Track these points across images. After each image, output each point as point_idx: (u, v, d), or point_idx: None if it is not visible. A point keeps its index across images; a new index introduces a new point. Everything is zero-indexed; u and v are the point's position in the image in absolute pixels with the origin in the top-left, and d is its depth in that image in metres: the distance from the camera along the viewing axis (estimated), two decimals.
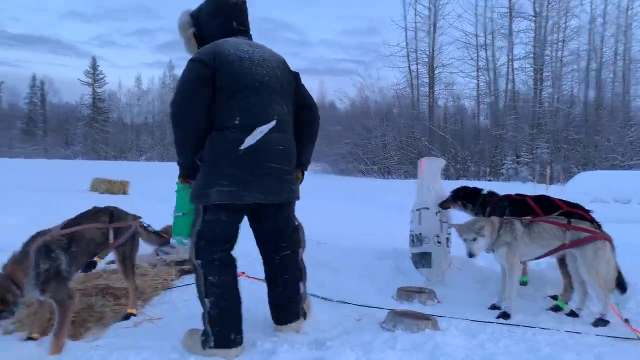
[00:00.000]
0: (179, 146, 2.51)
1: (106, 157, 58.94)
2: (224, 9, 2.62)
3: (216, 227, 2.48)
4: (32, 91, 69.76)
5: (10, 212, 6.42)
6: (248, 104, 2.44)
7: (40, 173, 19.40)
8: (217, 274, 2.47)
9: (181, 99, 2.43)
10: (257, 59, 2.54)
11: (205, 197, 2.40)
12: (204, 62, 2.40)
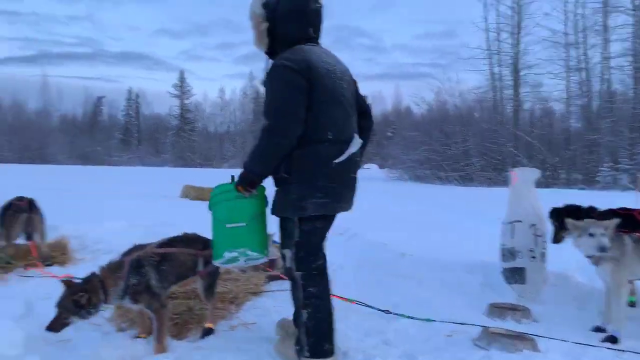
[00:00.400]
0: (265, 154, 2.43)
1: (193, 164, 62.70)
2: (304, 14, 2.54)
3: (313, 237, 2.53)
4: (128, 104, 76.35)
5: (115, 217, 7.04)
6: (337, 119, 2.50)
7: (137, 180, 21.07)
8: (316, 285, 2.51)
9: (281, 106, 2.39)
10: (339, 72, 2.57)
11: (302, 210, 2.44)
12: (299, 71, 2.37)
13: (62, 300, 2.61)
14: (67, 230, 5.86)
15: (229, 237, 2.54)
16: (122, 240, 5.80)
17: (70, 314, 2.58)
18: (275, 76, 2.43)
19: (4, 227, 4.95)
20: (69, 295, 2.60)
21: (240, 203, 2.52)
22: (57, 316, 2.59)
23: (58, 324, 2.59)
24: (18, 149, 60.77)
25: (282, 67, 2.40)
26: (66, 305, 2.58)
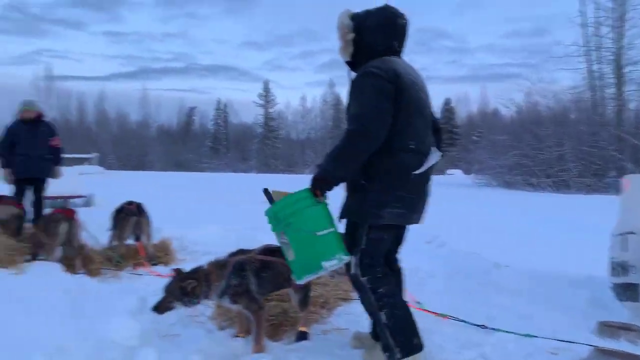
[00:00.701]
0: (348, 158, 2.41)
1: (276, 170, 64.83)
2: (391, 27, 2.61)
3: (379, 245, 2.55)
4: (217, 114, 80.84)
5: (210, 220, 7.49)
6: (419, 130, 2.52)
7: (226, 185, 22.22)
8: (385, 284, 2.52)
9: (369, 112, 2.40)
10: (420, 84, 2.61)
11: (377, 217, 2.45)
12: (387, 79, 2.41)
13: (170, 285, 2.83)
14: (168, 232, 6.32)
15: (323, 245, 2.43)
16: (217, 242, 6.18)
17: (175, 299, 2.79)
18: (365, 82, 2.46)
19: (116, 229, 5.49)
20: (177, 282, 2.81)
21: (321, 208, 2.44)
22: (163, 299, 2.82)
23: (163, 306, 2.82)
24: (122, 157, 66.94)
25: (371, 74, 2.44)
26: (173, 291, 2.79)
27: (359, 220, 2.53)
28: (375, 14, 2.63)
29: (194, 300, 2.82)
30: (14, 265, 4.32)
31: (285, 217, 2.42)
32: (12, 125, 6.52)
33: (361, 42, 2.62)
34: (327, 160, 2.43)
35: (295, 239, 2.43)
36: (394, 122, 2.42)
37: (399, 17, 2.63)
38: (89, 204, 10.43)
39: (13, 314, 3.03)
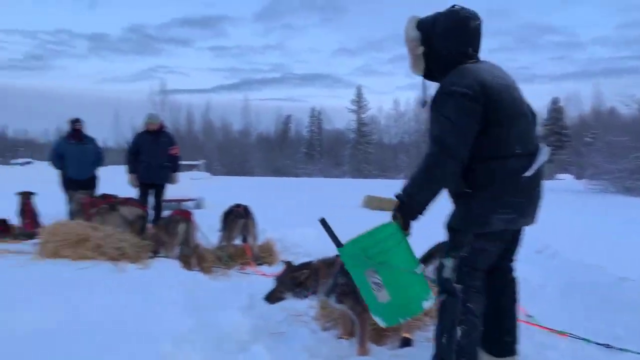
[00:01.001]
0: (430, 183, 2.33)
1: (369, 175, 64.76)
2: (463, 33, 2.43)
3: (481, 256, 2.43)
4: (311, 121, 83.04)
5: (308, 223, 7.68)
6: (522, 132, 2.37)
7: (321, 190, 22.69)
8: (477, 302, 2.40)
9: (449, 134, 2.28)
10: (511, 82, 2.45)
11: (485, 225, 2.34)
12: (472, 97, 2.26)
13: (282, 276, 2.97)
14: (271, 234, 6.62)
15: (420, 284, 2.38)
16: (316, 245, 6.33)
17: (286, 289, 2.93)
18: (445, 103, 2.32)
19: (225, 230, 5.87)
20: (289, 272, 2.95)
21: (408, 242, 2.35)
22: (274, 289, 2.97)
23: (274, 296, 2.96)
24: (226, 164, 71.49)
25: (453, 94, 2.29)
26: (285, 281, 2.94)
27: (464, 228, 2.42)
28: (444, 19, 2.45)
29: (304, 291, 2.92)
30: (139, 260, 4.81)
31: (378, 254, 2.27)
32: (137, 135, 7.33)
33: (432, 52, 2.48)
34: (410, 186, 2.35)
35: (393, 279, 2.31)
36: (489, 133, 2.30)
37: (471, 19, 2.43)
38: (199, 207, 11.28)
39: (141, 304, 3.38)
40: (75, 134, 7.37)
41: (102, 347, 2.50)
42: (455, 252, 2.42)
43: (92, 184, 7.50)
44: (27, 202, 7.21)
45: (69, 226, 5.08)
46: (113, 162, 16.95)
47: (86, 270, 4.21)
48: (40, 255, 4.79)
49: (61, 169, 7.39)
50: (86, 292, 3.57)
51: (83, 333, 2.71)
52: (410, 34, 2.52)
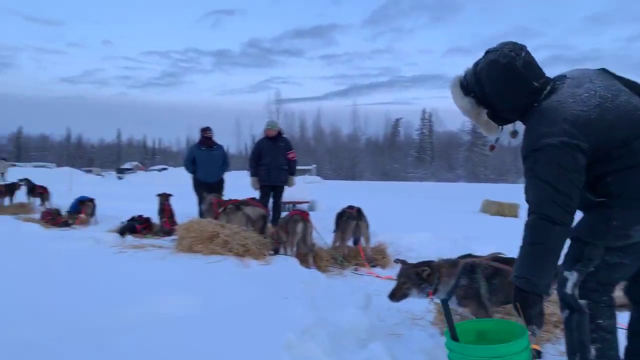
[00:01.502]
0: (544, 257, 2.01)
1: (485, 179, 61.36)
2: (517, 78, 2.14)
3: (617, 270, 2.12)
4: (422, 123, 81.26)
5: (422, 228, 7.55)
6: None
7: (433, 195, 22.09)
8: (607, 317, 2.10)
9: (547, 200, 1.97)
10: (614, 92, 2.08)
11: (626, 237, 2.05)
12: (569, 144, 1.95)
13: (405, 271, 2.93)
14: (383, 237, 6.61)
15: None
16: (430, 249, 6.19)
17: (411, 284, 2.87)
18: (540, 161, 2.01)
19: (339, 231, 6.01)
20: (412, 268, 2.91)
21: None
22: (399, 285, 2.92)
23: (399, 293, 2.92)
24: (335, 168, 73.05)
25: (545, 148, 1.99)
26: (410, 275, 2.89)
27: (596, 240, 2.13)
28: (486, 76, 2.20)
29: (427, 287, 2.86)
30: (262, 257, 5.14)
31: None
32: (258, 141, 7.86)
33: (497, 108, 2.23)
34: (523, 267, 2.05)
35: None
36: (623, 152, 2.01)
37: (514, 59, 2.13)
38: (312, 209, 11.69)
39: (265, 297, 3.61)
40: (206, 141, 8.12)
41: (233, 333, 2.73)
42: (582, 267, 2.15)
43: (220, 186, 8.19)
44: (165, 203, 8.12)
45: (200, 224, 5.60)
46: (235, 167, 18.33)
47: (216, 264, 4.61)
48: (177, 250, 5.36)
49: (193, 173, 8.19)
50: (217, 283, 3.92)
51: (217, 319, 2.98)
52: (463, 105, 2.32)
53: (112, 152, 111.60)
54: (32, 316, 2.87)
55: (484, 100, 2.26)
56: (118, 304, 3.18)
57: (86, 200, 8.84)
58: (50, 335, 2.58)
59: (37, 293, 3.42)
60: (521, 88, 2.16)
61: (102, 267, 4.47)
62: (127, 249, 5.50)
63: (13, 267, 4.29)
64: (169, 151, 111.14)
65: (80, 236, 6.38)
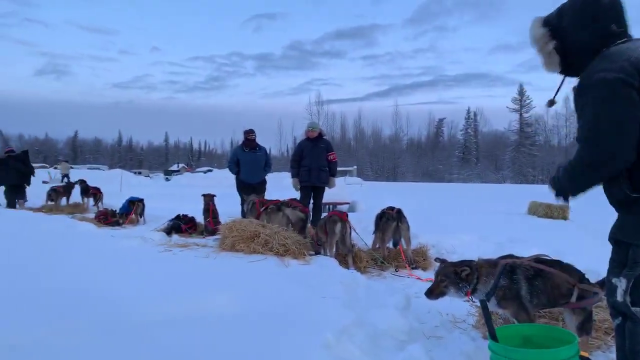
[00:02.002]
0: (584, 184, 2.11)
1: (534, 180, 59.13)
2: (598, 10, 2.05)
3: None
4: (467, 123, 79.31)
5: (465, 230, 7.36)
6: None
7: (478, 196, 21.51)
8: None
9: (606, 138, 1.93)
10: None
11: None
12: (626, 81, 1.87)
13: (444, 269, 2.88)
14: (424, 239, 6.51)
15: None
16: (474, 252, 6.00)
17: (449, 283, 2.81)
18: (593, 94, 1.96)
19: (378, 232, 5.98)
20: (451, 266, 2.85)
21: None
22: (437, 283, 2.87)
23: (437, 291, 2.86)
24: (376, 169, 72.54)
25: (600, 83, 1.93)
26: (448, 274, 2.83)
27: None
28: (570, 3, 2.16)
29: (465, 287, 2.80)
30: (302, 257, 5.19)
31: None
32: (300, 142, 7.95)
33: (567, 45, 2.16)
34: (564, 178, 2.18)
35: None
36: None
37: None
38: (352, 210, 11.66)
39: (304, 296, 3.64)
40: (249, 143, 8.30)
41: (274, 332, 2.77)
42: (629, 271, 2.04)
43: (262, 187, 8.34)
44: (210, 203, 8.36)
45: (242, 224, 5.72)
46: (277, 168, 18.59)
47: (257, 263, 4.69)
48: (220, 249, 5.50)
49: (236, 174, 8.38)
50: (258, 282, 3.99)
51: (257, 318, 3.04)
52: (536, 33, 2.27)
53: (160, 154, 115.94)
54: (81, 309, 3.03)
55: (558, 32, 2.20)
56: (162, 301, 3.30)
57: (136, 201, 9.23)
58: (97, 328, 2.71)
59: (86, 287, 3.61)
60: (599, 27, 2.08)
61: (148, 265, 4.65)
62: (173, 247, 5.70)
63: (67, 263, 4.55)
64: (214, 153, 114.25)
65: (130, 235, 6.67)
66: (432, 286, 2.88)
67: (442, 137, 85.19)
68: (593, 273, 3.84)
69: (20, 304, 3.08)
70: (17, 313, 2.88)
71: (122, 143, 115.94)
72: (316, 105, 74.06)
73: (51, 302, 3.15)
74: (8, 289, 3.44)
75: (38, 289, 3.48)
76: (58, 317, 2.84)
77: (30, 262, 4.55)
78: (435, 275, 2.92)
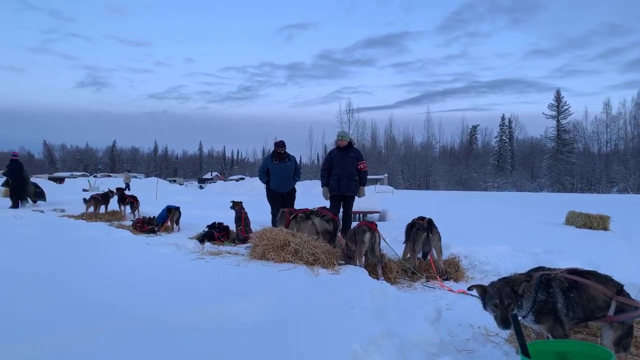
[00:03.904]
0: None
1: (572, 189, 57.09)
2: None
3: None
4: (501, 130, 77.45)
5: (499, 240, 7.19)
6: None
7: (514, 205, 20.92)
8: None
9: None
10: None
11: None
12: None
13: (503, 292, 2.65)
14: (456, 249, 6.39)
15: None
16: (508, 264, 5.89)
17: (512, 301, 2.63)
18: None
19: (409, 242, 5.91)
20: (507, 285, 2.66)
21: None
22: (504, 307, 2.63)
23: (506, 315, 2.61)
24: (408, 177, 71.75)
25: None
26: (510, 295, 2.63)
27: None
28: None
29: (522, 301, 2.65)
30: (331, 267, 5.19)
31: None
32: (330, 151, 7.99)
33: None
34: None
35: None
36: None
37: None
38: (382, 219, 11.57)
39: (333, 306, 3.64)
40: (278, 155, 8.37)
41: (302, 341, 2.79)
42: None
43: (292, 196, 8.40)
44: (242, 212, 8.48)
45: (273, 232, 5.78)
46: (307, 177, 18.65)
47: (287, 272, 4.73)
48: (251, 257, 5.57)
49: (266, 184, 8.48)
50: (288, 290, 4.02)
51: (285, 326, 3.06)
52: None
53: (195, 162, 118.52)
54: (115, 313, 3.13)
55: None
56: (193, 307, 3.37)
57: (173, 209, 9.46)
58: (129, 331, 2.79)
59: (121, 292, 3.73)
60: None
61: (181, 272, 4.76)
62: (205, 255, 5.81)
63: (105, 268, 4.71)
64: (246, 161, 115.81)
65: (164, 242, 6.84)
66: (503, 314, 2.62)
67: (476, 145, 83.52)
68: (634, 287, 3.68)
69: (61, 306, 3.21)
70: (57, 314, 3.01)
71: (158, 152, 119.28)
72: (347, 114, 73.93)
73: (89, 304, 3.27)
74: (50, 291, 3.60)
75: (77, 292, 3.63)
76: (95, 319, 2.95)
77: (72, 266, 4.75)
78: (495, 301, 2.66)
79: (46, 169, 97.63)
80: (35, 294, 3.56)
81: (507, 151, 74.65)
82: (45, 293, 3.60)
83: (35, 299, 3.43)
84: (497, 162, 73.52)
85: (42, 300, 3.39)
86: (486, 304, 2.70)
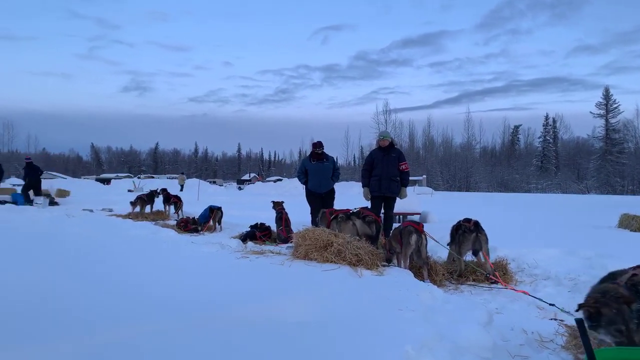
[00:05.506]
0: None
1: (622, 191, 54.40)
2: None
3: None
4: (545, 130, 74.82)
5: (549, 243, 6.93)
6: None
7: (561, 207, 20.16)
8: None
9: None
10: None
11: None
12: None
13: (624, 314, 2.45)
14: (503, 252, 6.19)
15: None
16: (560, 268, 5.66)
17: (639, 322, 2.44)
18: None
19: (455, 244, 5.77)
20: (619, 302, 2.46)
21: None
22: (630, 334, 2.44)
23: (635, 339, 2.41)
24: (447, 179, 70.38)
25: None
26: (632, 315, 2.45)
27: None
28: None
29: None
30: (375, 268, 5.14)
31: None
32: (372, 151, 7.93)
33: None
34: None
35: None
36: None
37: None
38: (424, 221, 11.40)
39: (380, 307, 3.59)
40: (316, 156, 8.39)
41: (352, 341, 2.76)
42: None
43: (331, 196, 8.39)
44: (283, 212, 8.55)
45: (315, 233, 5.78)
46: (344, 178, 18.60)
47: (331, 272, 4.71)
48: (294, 257, 5.59)
49: (305, 184, 8.51)
50: (332, 291, 4.00)
51: (332, 327, 3.04)
52: None
53: (234, 164, 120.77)
54: (164, 308, 3.20)
55: None
56: (238, 305, 3.41)
57: (215, 209, 9.65)
58: (177, 327, 2.85)
59: (169, 289, 3.82)
60: None
61: (228, 270, 4.84)
62: (249, 254, 5.89)
63: (156, 266, 4.85)
64: (283, 163, 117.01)
65: (208, 241, 6.98)
66: (630, 340, 2.43)
67: (518, 145, 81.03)
68: None
69: (114, 304, 3.33)
70: (111, 312, 3.12)
71: (198, 154, 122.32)
72: (383, 114, 73.45)
73: (141, 302, 3.37)
74: (103, 290, 3.74)
75: (129, 290, 3.75)
76: (148, 316, 3.04)
77: (127, 264, 4.92)
78: (625, 329, 2.45)
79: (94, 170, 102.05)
80: (99, 290, 3.71)
81: (551, 152, 72.02)
82: (106, 290, 3.75)
83: (100, 295, 3.58)
84: (541, 163, 71.05)
85: (106, 296, 3.53)
86: (601, 327, 2.43)
